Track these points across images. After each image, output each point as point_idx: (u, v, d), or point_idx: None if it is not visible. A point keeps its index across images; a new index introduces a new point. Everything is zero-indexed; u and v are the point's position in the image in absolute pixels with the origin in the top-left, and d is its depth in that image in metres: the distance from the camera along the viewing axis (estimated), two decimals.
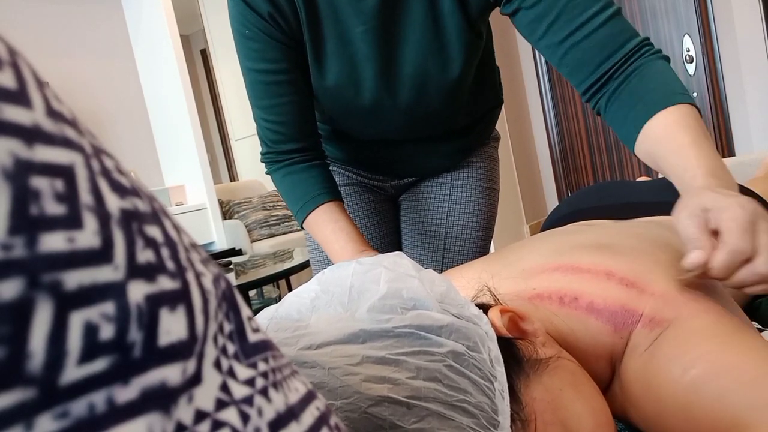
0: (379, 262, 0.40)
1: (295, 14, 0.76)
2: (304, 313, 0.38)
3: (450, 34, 0.76)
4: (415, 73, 0.79)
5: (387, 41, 0.77)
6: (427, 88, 0.81)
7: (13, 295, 0.12)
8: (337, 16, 0.76)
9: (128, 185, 0.16)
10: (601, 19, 0.67)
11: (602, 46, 0.68)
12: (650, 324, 0.47)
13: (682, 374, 0.42)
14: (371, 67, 0.79)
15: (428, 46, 0.77)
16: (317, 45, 0.78)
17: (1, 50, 0.14)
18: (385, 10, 0.75)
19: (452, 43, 0.77)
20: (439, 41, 0.77)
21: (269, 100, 0.81)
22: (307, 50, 0.79)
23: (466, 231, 1.00)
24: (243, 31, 0.77)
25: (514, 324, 0.43)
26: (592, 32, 0.67)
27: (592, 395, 0.43)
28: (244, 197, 3.56)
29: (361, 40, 0.77)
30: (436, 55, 0.78)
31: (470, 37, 0.77)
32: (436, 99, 0.83)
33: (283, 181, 0.87)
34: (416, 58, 0.78)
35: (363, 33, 0.76)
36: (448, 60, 0.78)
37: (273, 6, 0.74)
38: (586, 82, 0.70)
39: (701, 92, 3.13)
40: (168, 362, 0.15)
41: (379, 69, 0.79)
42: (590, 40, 0.68)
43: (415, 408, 0.30)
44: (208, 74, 5.21)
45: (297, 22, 0.76)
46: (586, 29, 0.68)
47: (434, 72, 0.79)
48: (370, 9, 0.74)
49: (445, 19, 0.76)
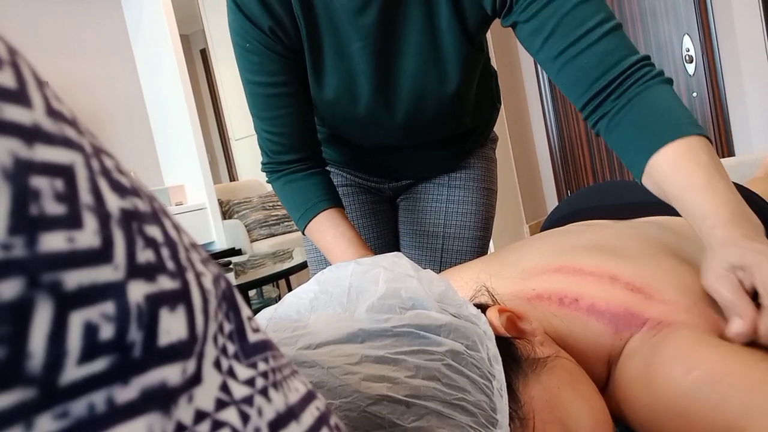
0: (378, 263, 0.40)
1: (296, 28, 0.76)
2: (303, 313, 0.38)
3: (448, 49, 0.76)
4: (412, 87, 0.79)
5: (385, 57, 0.77)
6: (424, 101, 0.81)
7: (13, 295, 0.12)
8: (337, 31, 0.76)
9: (128, 185, 0.16)
10: (598, 35, 0.65)
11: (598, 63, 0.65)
12: (658, 326, 0.47)
13: (684, 375, 0.42)
14: (368, 82, 0.79)
15: (426, 61, 0.77)
16: (316, 59, 0.79)
17: (1, 50, 0.14)
18: (384, 26, 0.75)
19: (450, 58, 0.77)
20: (436, 55, 0.77)
21: (269, 111, 0.81)
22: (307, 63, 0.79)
23: (464, 231, 1.00)
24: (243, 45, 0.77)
25: (513, 323, 0.43)
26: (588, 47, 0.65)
27: (591, 394, 0.43)
28: (244, 197, 3.56)
29: (359, 55, 0.77)
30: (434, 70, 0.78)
31: (468, 51, 0.77)
32: (433, 111, 0.83)
33: (284, 189, 0.87)
34: (413, 72, 0.78)
35: (361, 49, 0.76)
36: (445, 74, 0.78)
37: (274, 20, 0.74)
38: (583, 99, 0.67)
39: (701, 92, 3.13)
40: (168, 362, 0.15)
41: (377, 84, 0.79)
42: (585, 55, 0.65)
43: (414, 406, 0.30)
44: (208, 74, 5.22)
45: (297, 35, 0.76)
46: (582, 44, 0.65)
47: (432, 86, 0.79)
48: (369, 26, 0.74)
49: (442, 34, 0.75)
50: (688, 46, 3.11)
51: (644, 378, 0.45)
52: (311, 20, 0.76)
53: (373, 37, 0.75)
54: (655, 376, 0.44)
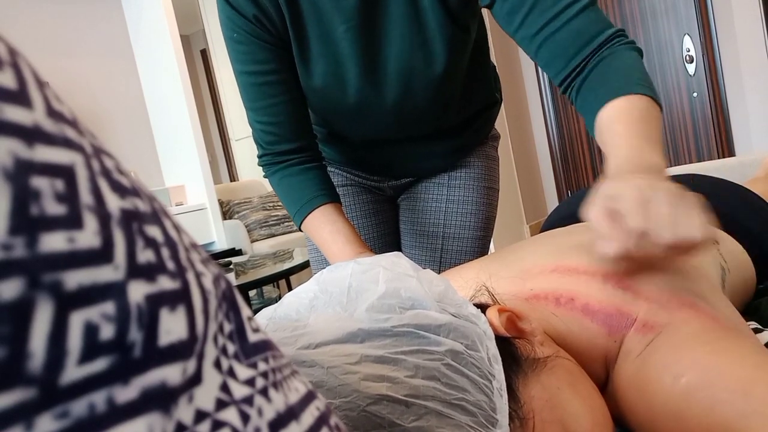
0: (378, 262, 0.40)
1: (280, 15, 0.76)
2: (303, 313, 0.38)
3: (432, 29, 0.77)
4: (399, 69, 0.80)
5: (369, 39, 0.78)
6: (412, 84, 0.81)
7: (13, 295, 0.12)
8: (320, 16, 0.77)
9: (128, 185, 0.16)
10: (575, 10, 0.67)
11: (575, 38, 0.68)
12: (643, 329, 0.47)
13: (673, 383, 0.42)
14: (355, 66, 0.79)
15: (411, 42, 0.77)
16: (302, 46, 0.79)
17: (1, 50, 0.14)
18: (366, 8, 0.75)
19: (435, 38, 0.77)
20: (421, 36, 0.77)
21: (261, 101, 0.81)
22: (294, 51, 0.79)
23: (464, 231, 1.00)
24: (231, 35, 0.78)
25: (512, 323, 0.43)
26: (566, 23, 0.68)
27: (590, 394, 0.43)
28: (244, 197, 3.56)
29: (343, 38, 0.77)
30: (420, 51, 0.78)
31: (453, 31, 0.77)
32: (423, 95, 0.83)
33: (281, 183, 0.87)
34: (399, 54, 0.78)
35: (345, 32, 0.76)
36: (431, 55, 0.79)
37: (258, 8, 0.75)
38: (561, 74, 0.70)
39: (701, 92, 3.13)
40: (168, 362, 0.15)
41: (363, 67, 0.79)
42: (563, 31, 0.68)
43: (414, 406, 0.30)
44: (208, 74, 5.22)
45: (283, 23, 0.77)
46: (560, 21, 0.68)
47: (419, 68, 0.79)
48: (351, 7, 0.75)
49: (426, 14, 0.76)
50: (688, 46, 3.11)
51: (637, 387, 0.45)
52: (295, 7, 0.76)
53: (356, 19, 0.76)
54: (646, 386, 0.44)
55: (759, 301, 0.74)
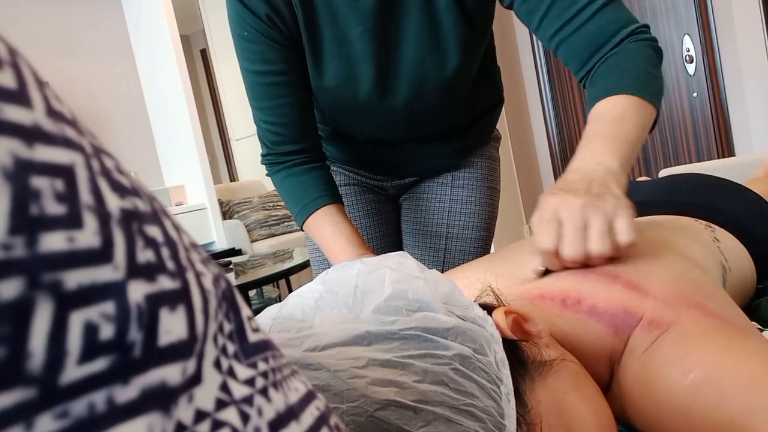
0: (384, 263, 0.40)
1: (293, 15, 0.76)
2: (308, 314, 0.38)
3: (447, 31, 0.77)
4: (412, 71, 0.79)
5: (385, 40, 0.77)
6: (424, 85, 0.81)
7: (13, 295, 0.12)
8: (335, 16, 0.76)
9: (128, 185, 0.16)
10: (590, 12, 0.68)
11: (590, 41, 0.69)
12: (650, 326, 0.47)
13: (680, 378, 0.42)
14: (369, 67, 0.79)
15: (425, 44, 0.77)
16: (315, 46, 0.78)
17: (1, 50, 0.14)
18: (383, 9, 0.75)
19: (449, 40, 0.77)
20: (436, 38, 0.77)
21: (268, 101, 0.81)
22: (306, 51, 0.79)
23: (467, 231, 1.00)
24: (242, 33, 0.77)
25: (518, 325, 0.43)
26: (581, 26, 0.68)
27: (595, 398, 0.43)
28: (244, 197, 3.56)
29: (359, 39, 0.77)
30: (434, 53, 0.78)
31: (468, 33, 0.78)
32: (434, 96, 0.83)
33: (284, 183, 0.87)
34: (414, 56, 0.78)
35: (361, 33, 0.76)
36: (445, 57, 0.78)
37: (271, 7, 0.75)
38: (579, 74, 0.72)
39: (701, 92, 3.13)
40: (168, 362, 0.15)
41: (378, 68, 0.79)
42: (579, 34, 0.69)
43: (422, 412, 0.30)
44: (208, 74, 5.22)
45: (295, 23, 0.76)
46: (575, 23, 0.68)
47: (431, 69, 0.79)
48: (368, 9, 0.74)
49: (441, 16, 0.76)
50: (688, 46, 3.11)
51: (642, 383, 0.45)
52: (308, 6, 0.76)
53: (373, 20, 0.75)
54: (653, 382, 0.44)
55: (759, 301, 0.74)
